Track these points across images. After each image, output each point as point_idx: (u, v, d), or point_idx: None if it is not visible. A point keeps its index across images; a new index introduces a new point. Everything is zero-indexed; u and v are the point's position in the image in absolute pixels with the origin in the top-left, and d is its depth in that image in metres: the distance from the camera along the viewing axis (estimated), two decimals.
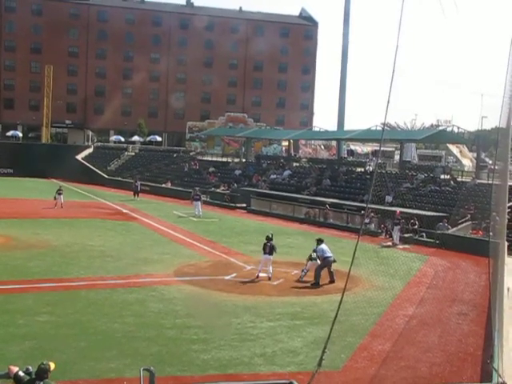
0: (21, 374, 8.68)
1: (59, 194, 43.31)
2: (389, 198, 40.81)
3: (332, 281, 22.51)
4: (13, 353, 13.44)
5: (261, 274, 23.07)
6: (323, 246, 23.08)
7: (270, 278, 22.39)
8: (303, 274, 22.93)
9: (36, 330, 15.65)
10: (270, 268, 22.66)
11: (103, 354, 14.20)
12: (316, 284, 22.15)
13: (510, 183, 21.67)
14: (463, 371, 14.19)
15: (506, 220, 18.87)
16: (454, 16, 11.74)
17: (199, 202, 43.08)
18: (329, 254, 22.97)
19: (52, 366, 8.79)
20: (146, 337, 15.64)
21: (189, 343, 15.34)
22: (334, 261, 22.82)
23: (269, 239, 23.08)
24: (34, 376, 8.69)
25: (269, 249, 22.70)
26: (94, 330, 15.98)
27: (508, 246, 22.79)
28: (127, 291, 20.44)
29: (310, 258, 23.23)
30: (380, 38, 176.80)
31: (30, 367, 8.77)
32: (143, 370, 9.29)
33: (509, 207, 27.92)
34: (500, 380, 11.28)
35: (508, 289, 18.87)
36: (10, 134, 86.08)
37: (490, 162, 45.74)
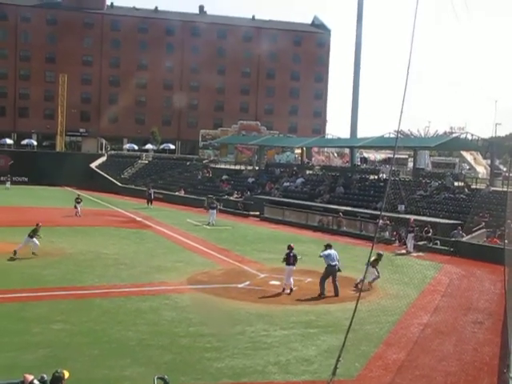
0: (36, 382, 8.71)
1: (78, 202, 43.72)
2: (401, 207, 40.64)
3: (336, 294, 21.65)
4: (27, 361, 13.50)
5: (273, 282, 23.02)
6: (330, 251, 22.31)
7: (291, 290, 21.75)
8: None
9: (50, 338, 15.72)
10: (291, 279, 21.92)
11: (117, 363, 14.24)
12: (322, 295, 21.51)
13: None
14: (479, 381, 14.12)
15: None
16: (466, 21, 11.71)
17: (215, 211, 43.04)
18: (334, 262, 22.11)
19: (66, 374, 8.82)
20: (160, 345, 15.66)
21: (202, 351, 15.33)
22: (339, 270, 22.15)
23: (291, 249, 22.32)
24: None
25: (292, 259, 21.97)
26: (107, 339, 16.03)
27: None
28: (141, 299, 20.48)
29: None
30: (393, 44, 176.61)
31: (45, 375, 8.81)
32: (157, 378, 9.30)
33: None
34: None
35: None
36: (24, 142, 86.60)
37: (505, 169, 45.51)
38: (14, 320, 17.32)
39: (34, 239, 25.68)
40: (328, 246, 22.66)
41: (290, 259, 21.82)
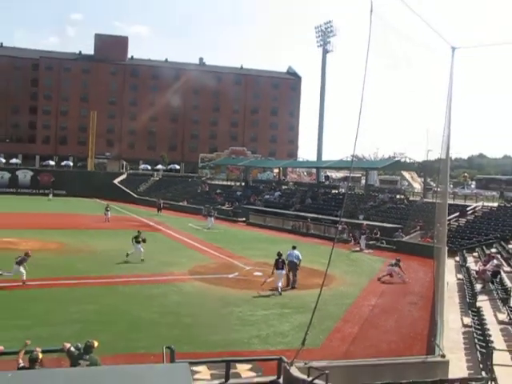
0: (72, 349, 8.78)
1: (107, 210, 43.50)
2: (361, 216, 40.89)
3: (292, 286, 20.88)
4: (66, 333, 13.52)
5: (256, 273, 23.05)
6: (292, 251, 21.73)
7: (280, 294, 19.73)
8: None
9: (83, 316, 15.73)
10: (280, 283, 20.24)
11: (135, 335, 14.29)
12: (287, 285, 20.86)
13: (448, 202, 21.87)
14: (413, 347, 14.27)
15: (446, 230, 18.98)
16: (406, 75, 11.98)
17: (212, 218, 42.79)
18: (292, 258, 21.31)
19: (95, 343, 8.88)
20: (168, 322, 15.70)
21: (201, 327, 15.39)
22: (297, 267, 21.25)
23: (280, 255, 20.75)
24: (82, 351, 8.79)
25: (281, 264, 20.46)
26: (127, 317, 16.05)
27: (447, 250, 22.95)
28: (153, 286, 20.50)
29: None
30: (350, 88, 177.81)
31: (79, 344, 8.88)
32: (166, 348, 9.40)
33: (448, 220, 28.08)
34: (440, 353, 11.39)
35: (447, 283, 18.97)
36: (63, 163, 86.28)
37: (434, 185, 45.89)
38: (56, 301, 17.35)
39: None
40: (293, 247, 22.27)
41: (279, 264, 20.40)
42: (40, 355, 8.33)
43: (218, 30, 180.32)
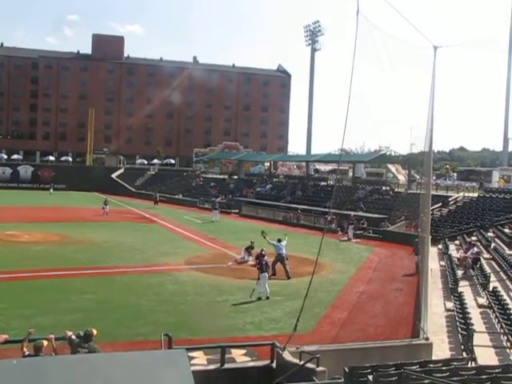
0: (73, 337, 8.74)
1: (106, 204, 43.09)
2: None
3: (287, 277, 20.50)
4: (67, 321, 13.47)
5: (249, 262, 22.89)
6: (279, 243, 21.34)
7: (268, 298, 17.51)
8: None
9: (84, 305, 15.71)
10: (266, 286, 17.91)
11: (133, 323, 14.26)
12: (272, 274, 20.15)
13: (431, 193, 21.97)
14: (399, 330, 14.37)
15: (430, 219, 19.09)
16: (391, 73, 11.98)
17: (217, 211, 42.06)
18: (281, 251, 21.00)
19: (94, 331, 8.83)
20: (165, 310, 15.69)
21: (197, 315, 15.39)
22: (286, 258, 21.11)
23: (263, 256, 18.87)
24: (81, 339, 8.75)
25: (265, 267, 18.28)
26: (126, 305, 16.03)
27: (431, 239, 23.07)
28: (150, 276, 20.47)
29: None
30: (338, 85, 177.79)
31: (81, 332, 8.83)
32: (163, 334, 9.37)
33: (431, 210, 28.23)
34: (425, 336, 11.48)
35: (431, 270, 19.09)
36: (63, 159, 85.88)
37: (418, 177, 46.05)
38: (57, 291, 17.28)
39: None
40: (279, 240, 21.69)
41: (263, 267, 18.15)
42: (45, 343, 8.29)
43: (211, 30, 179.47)
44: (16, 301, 15.79)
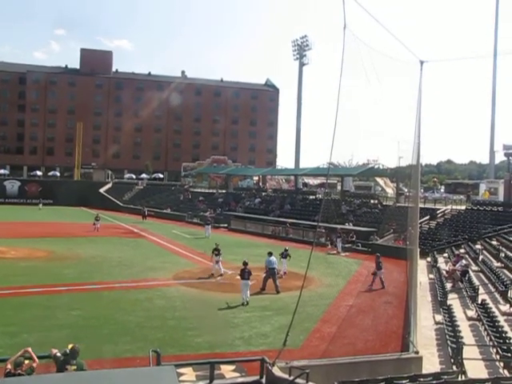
0: (58, 354, 8.60)
1: (97, 220, 41.98)
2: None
3: (277, 292, 20.45)
4: (54, 338, 13.29)
5: (238, 277, 22.54)
6: (270, 258, 21.33)
7: (247, 303, 18.44)
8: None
9: (71, 321, 15.52)
10: (248, 293, 18.89)
11: (121, 339, 14.09)
12: (262, 289, 20.59)
13: (420, 206, 22.09)
14: (389, 344, 14.34)
15: (418, 232, 19.18)
16: (378, 87, 12.11)
17: (209, 226, 41.17)
18: (272, 265, 20.95)
19: (78, 347, 8.65)
20: (153, 326, 15.54)
21: (185, 330, 15.27)
22: (277, 272, 21.16)
23: (245, 265, 19.55)
24: (68, 356, 8.61)
25: (247, 275, 19.14)
26: (113, 321, 15.85)
27: (419, 252, 23.17)
28: (138, 292, 20.29)
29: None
30: (326, 99, 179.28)
31: (67, 350, 8.69)
32: (152, 351, 9.27)
33: (419, 223, 28.36)
34: (415, 349, 11.48)
35: (420, 283, 19.15)
36: (50, 173, 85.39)
37: (406, 190, 46.32)
38: (43, 308, 17.05)
39: None
40: (269, 254, 21.73)
41: (245, 275, 19.07)
42: (26, 361, 8.14)
43: (199, 44, 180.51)
44: (1, 318, 15.53)
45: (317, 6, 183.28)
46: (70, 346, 8.68)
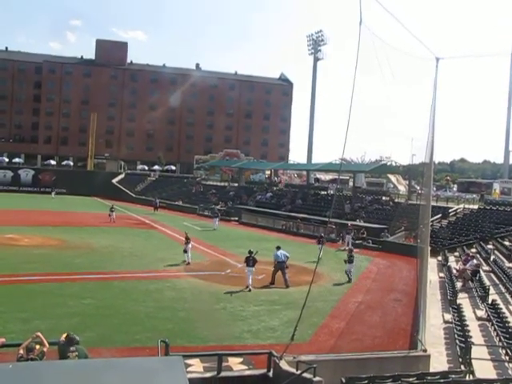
0: (61, 342, 8.73)
1: (112, 211, 42.22)
2: (347, 208, 40.44)
3: (286, 286, 20.51)
4: (65, 326, 13.32)
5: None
6: (278, 252, 21.44)
7: (250, 290, 19.50)
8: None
9: (82, 310, 15.67)
10: (250, 280, 19.92)
11: (131, 329, 14.21)
12: (271, 283, 20.79)
13: (432, 204, 21.95)
14: (397, 342, 14.31)
15: (429, 231, 19.07)
16: (392, 84, 12.03)
17: (217, 218, 41.79)
18: (280, 259, 21.07)
19: (64, 336, 8.78)
20: (163, 317, 15.65)
21: (194, 322, 15.35)
22: (286, 266, 21.18)
23: (250, 253, 20.49)
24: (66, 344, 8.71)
25: (251, 262, 20.15)
26: (124, 311, 15.99)
27: (430, 250, 23.02)
28: (149, 282, 20.43)
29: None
30: (339, 95, 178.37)
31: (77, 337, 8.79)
32: (160, 341, 9.35)
33: (431, 221, 28.20)
34: (422, 347, 11.44)
35: (430, 281, 19.05)
36: (64, 163, 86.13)
37: (418, 187, 46.03)
38: (55, 296, 17.25)
39: None
40: (277, 248, 21.92)
41: (250, 262, 20.11)
42: (37, 346, 8.27)
43: (214, 37, 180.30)
44: (14, 304, 15.75)
45: (333, 1, 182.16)
46: (64, 336, 8.78)
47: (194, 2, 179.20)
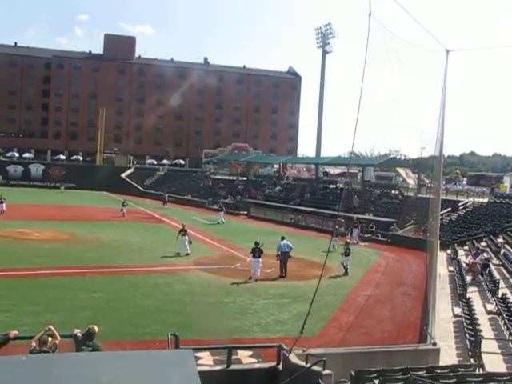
0: (78, 334, 8.81)
1: (124, 205, 42.44)
2: (356, 202, 40.33)
3: (283, 275, 20.90)
4: (76, 319, 13.54)
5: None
6: (282, 242, 21.67)
7: (256, 280, 20.05)
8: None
9: (92, 303, 15.78)
10: (258, 271, 20.50)
11: (141, 322, 14.31)
12: (281, 276, 21.00)
13: (441, 197, 21.85)
14: (406, 335, 14.30)
15: (439, 224, 18.99)
16: (401, 76, 11.94)
17: (222, 212, 41.89)
18: (283, 249, 21.33)
19: (96, 328, 8.88)
20: (172, 310, 15.73)
21: (204, 315, 15.42)
22: (289, 256, 21.42)
23: (257, 244, 20.87)
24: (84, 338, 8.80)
25: (258, 253, 20.54)
26: (134, 304, 16.09)
27: (440, 244, 22.95)
28: (158, 276, 20.51)
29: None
30: (348, 89, 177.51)
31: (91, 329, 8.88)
32: (170, 334, 9.40)
33: (440, 215, 28.06)
34: (432, 341, 11.42)
35: (439, 275, 19.00)
36: (73, 158, 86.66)
37: (428, 181, 45.80)
38: (66, 289, 17.38)
39: None
40: (282, 238, 22.17)
41: (256, 253, 20.50)
42: (49, 338, 8.36)
43: (222, 31, 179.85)
44: (26, 298, 15.91)
45: None
46: (77, 330, 8.88)
47: None
